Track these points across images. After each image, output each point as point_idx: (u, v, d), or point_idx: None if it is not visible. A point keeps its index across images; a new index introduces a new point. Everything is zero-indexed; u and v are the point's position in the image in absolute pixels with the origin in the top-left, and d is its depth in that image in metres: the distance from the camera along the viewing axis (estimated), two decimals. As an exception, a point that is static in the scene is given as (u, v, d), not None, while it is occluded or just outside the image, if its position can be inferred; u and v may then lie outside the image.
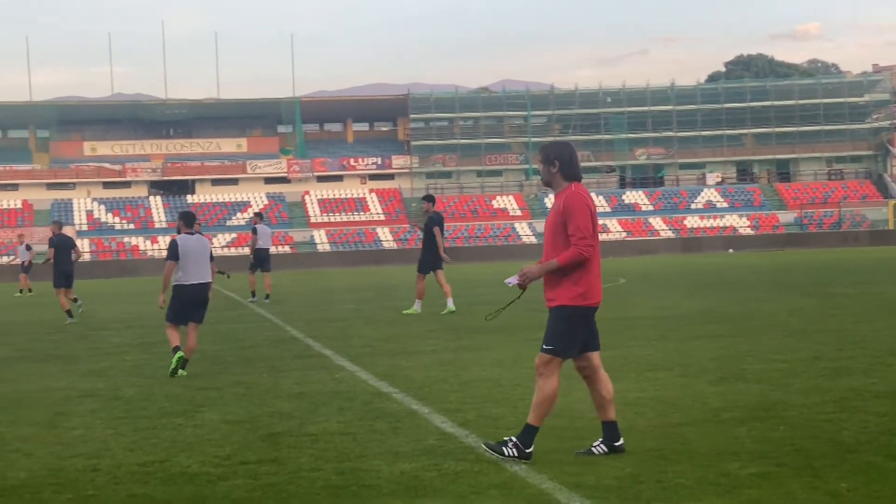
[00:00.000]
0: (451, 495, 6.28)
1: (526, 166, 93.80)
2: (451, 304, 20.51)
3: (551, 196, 61.84)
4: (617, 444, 7.23)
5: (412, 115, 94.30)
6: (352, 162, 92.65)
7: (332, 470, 7.02)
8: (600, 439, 7.29)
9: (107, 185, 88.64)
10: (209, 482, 6.83)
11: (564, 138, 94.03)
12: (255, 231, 27.00)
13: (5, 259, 74.83)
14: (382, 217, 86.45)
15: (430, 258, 20.89)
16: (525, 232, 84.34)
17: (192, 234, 13.10)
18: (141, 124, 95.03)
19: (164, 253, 13.50)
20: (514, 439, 7.11)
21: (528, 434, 7.10)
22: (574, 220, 7.12)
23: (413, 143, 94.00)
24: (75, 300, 22.79)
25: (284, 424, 8.84)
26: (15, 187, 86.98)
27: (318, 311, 23.71)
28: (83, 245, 78.00)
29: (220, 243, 79.38)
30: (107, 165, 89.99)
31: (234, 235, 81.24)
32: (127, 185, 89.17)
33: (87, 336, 18.79)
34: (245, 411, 9.60)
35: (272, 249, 28.69)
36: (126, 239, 79.86)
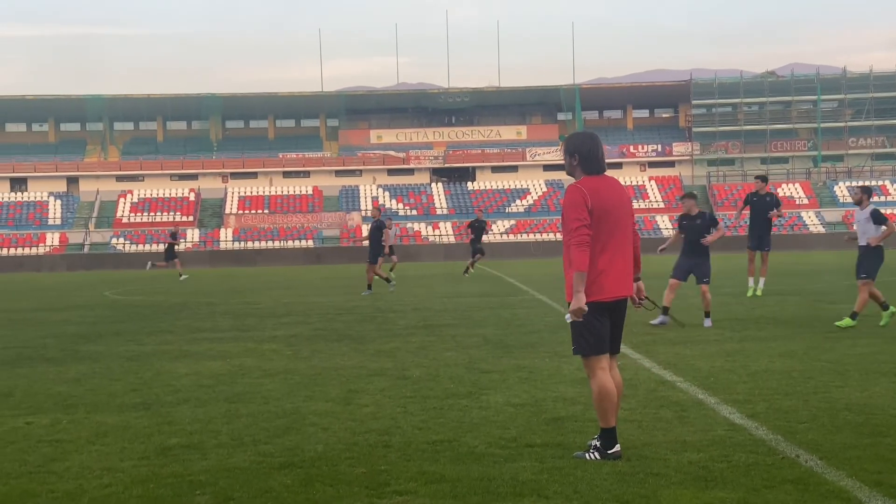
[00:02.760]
0: (743, 488, 6.09)
1: (814, 153, 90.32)
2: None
3: (841, 184, 60.06)
4: (611, 451, 6.98)
5: (694, 101, 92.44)
6: (631, 149, 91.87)
7: (619, 456, 6.96)
8: (595, 440, 7.13)
9: (391, 172, 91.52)
10: (496, 463, 6.90)
11: (855, 124, 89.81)
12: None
13: (299, 243, 78.61)
14: (662, 205, 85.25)
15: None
16: (812, 221, 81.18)
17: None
18: (424, 113, 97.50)
19: (445, 239, 13.90)
20: (595, 443, 7.04)
21: (603, 437, 7.01)
22: (564, 213, 7.09)
23: (694, 129, 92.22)
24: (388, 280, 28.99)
25: (568, 409, 8.83)
26: (307, 174, 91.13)
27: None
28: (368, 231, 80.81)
29: (499, 230, 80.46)
30: (391, 153, 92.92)
31: (512, 222, 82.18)
32: (410, 172, 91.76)
33: (376, 318, 19.45)
34: (528, 395, 9.66)
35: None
36: (409, 224, 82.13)
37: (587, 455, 6.97)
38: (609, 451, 6.94)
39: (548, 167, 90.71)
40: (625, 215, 7.17)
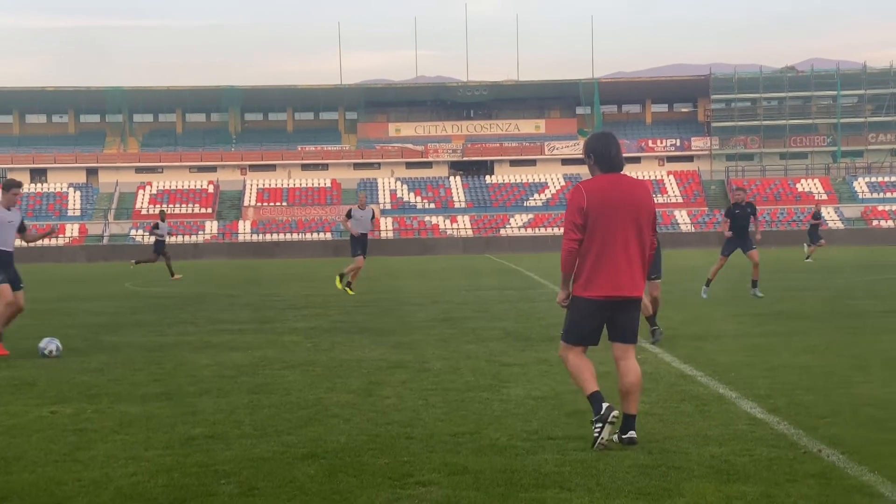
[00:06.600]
0: (766, 482, 6.11)
1: (834, 149, 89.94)
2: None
3: (860, 179, 60.30)
4: (625, 435, 7.20)
5: (713, 96, 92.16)
6: (650, 143, 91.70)
7: (640, 450, 6.99)
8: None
9: (409, 165, 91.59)
10: (518, 455, 6.93)
11: (875, 119, 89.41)
12: None
13: (317, 236, 78.81)
14: (680, 200, 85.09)
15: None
16: (831, 217, 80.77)
17: None
18: (443, 106, 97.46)
19: (463, 232, 13.87)
20: (592, 419, 7.25)
21: (592, 402, 7.24)
22: (566, 213, 7.38)
23: (714, 124, 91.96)
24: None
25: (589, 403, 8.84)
26: (325, 167, 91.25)
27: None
28: (386, 223, 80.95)
29: (517, 224, 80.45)
30: (410, 146, 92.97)
31: (531, 216, 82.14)
32: (428, 165, 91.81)
33: (395, 310, 19.50)
34: (549, 388, 9.69)
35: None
36: (427, 218, 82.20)
37: (594, 430, 7.10)
38: (601, 412, 7.07)
39: (566, 161, 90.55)
40: (631, 214, 7.26)
